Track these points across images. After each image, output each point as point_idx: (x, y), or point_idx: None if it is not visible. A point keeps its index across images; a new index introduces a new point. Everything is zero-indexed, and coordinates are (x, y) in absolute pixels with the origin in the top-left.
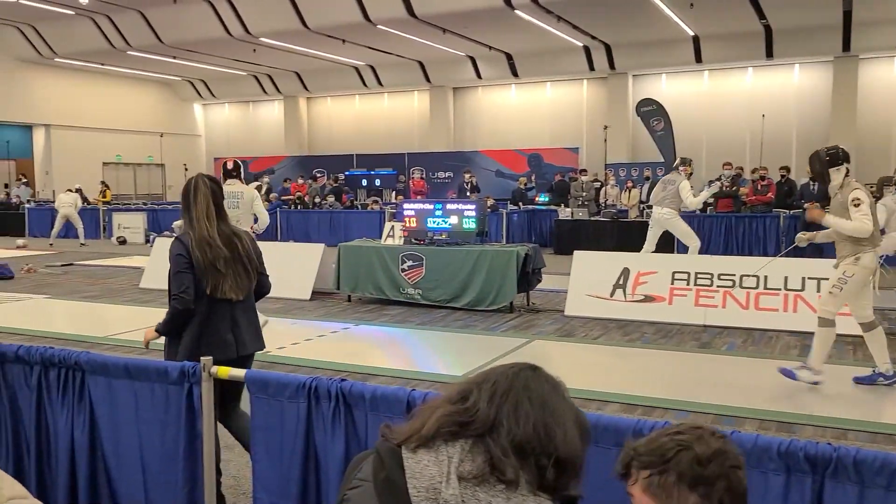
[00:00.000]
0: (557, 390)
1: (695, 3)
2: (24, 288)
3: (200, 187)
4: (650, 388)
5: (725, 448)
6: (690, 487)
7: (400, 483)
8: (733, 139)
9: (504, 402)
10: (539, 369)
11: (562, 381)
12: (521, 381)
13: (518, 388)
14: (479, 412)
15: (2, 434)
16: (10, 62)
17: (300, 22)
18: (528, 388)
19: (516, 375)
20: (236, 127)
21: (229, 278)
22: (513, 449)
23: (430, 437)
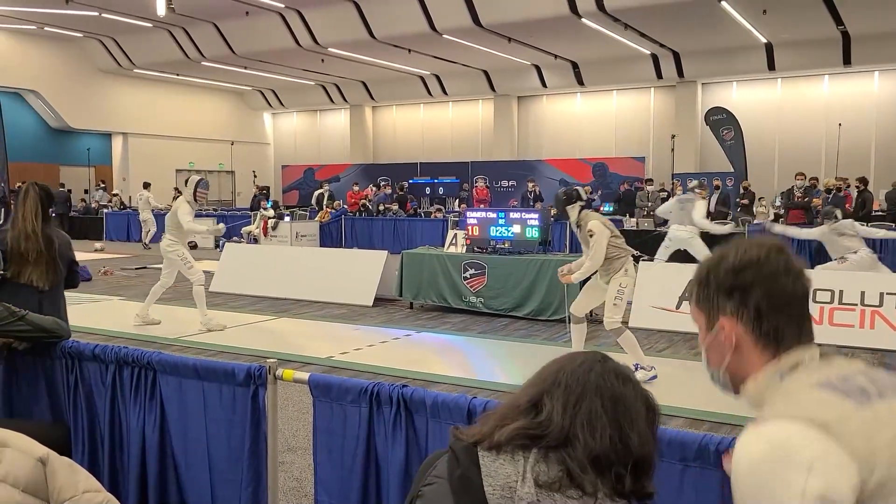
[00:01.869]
0: (627, 382)
1: (768, 10)
2: (101, 290)
3: (30, 193)
4: (717, 404)
5: (764, 256)
6: (727, 295)
7: (476, 481)
8: (807, 149)
9: (577, 411)
10: (607, 360)
11: (628, 368)
12: (592, 383)
13: (590, 392)
14: (553, 425)
15: (79, 429)
16: (92, 73)
17: (367, 32)
18: (600, 389)
19: (587, 375)
20: (303, 135)
21: (38, 269)
22: (590, 463)
23: (501, 445)
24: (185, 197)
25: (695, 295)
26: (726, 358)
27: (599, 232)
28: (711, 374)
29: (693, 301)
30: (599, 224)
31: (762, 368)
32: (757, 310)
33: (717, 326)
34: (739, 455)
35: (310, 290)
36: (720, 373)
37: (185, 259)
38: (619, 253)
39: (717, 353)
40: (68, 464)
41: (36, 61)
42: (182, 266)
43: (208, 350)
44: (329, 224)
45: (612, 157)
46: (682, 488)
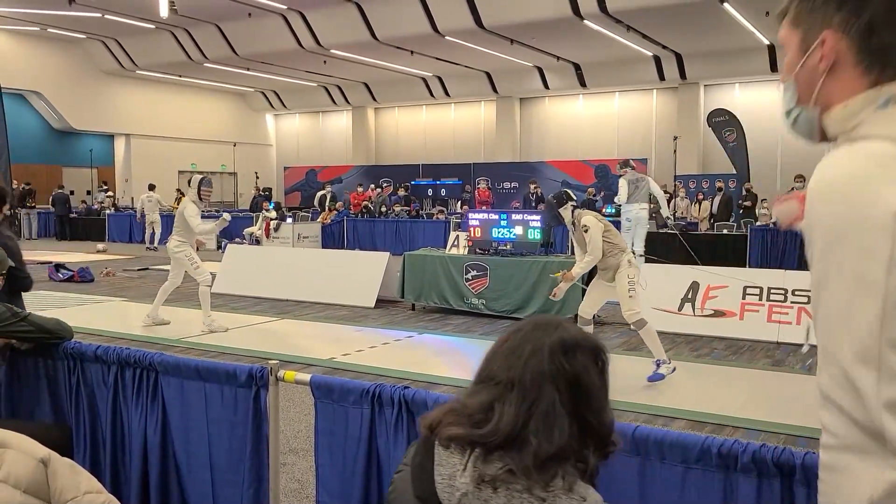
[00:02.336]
0: (576, 351)
1: (770, 11)
2: (103, 291)
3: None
4: (720, 406)
5: None
6: (838, 5)
7: (429, 469)
8: (810, 151)
9: (533, 413)
10: (551, 331)
11: (570, 332)
12: (547, 374)
13: (547, 386)
14: (499, 434)
15: (80, 430)
16: (95, 74)
17: (370, 34)
18: (555, 377)
19: (540, 366)
20: (306, 137)
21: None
22: (542, 463)
23: (450, 440)
24: (191, 196)
25: (794, 10)
26: (818, 84)
27: (594, 226)
28: (796, 116)
29: (789, 18)
30: (593, 219)
31: (858, 94)
32: (869, 23)
33: (815, 44)
34: (824, 170)
35: (312, 292)
36: (809, 107)
37: (192, 259)
38: (613, 250)
39: (808, 81)
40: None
41: (39, 62)
42: (189, 266)
43: (210, 351)
44: (331, 225)
45: (615, 159)
46: (683, 490)
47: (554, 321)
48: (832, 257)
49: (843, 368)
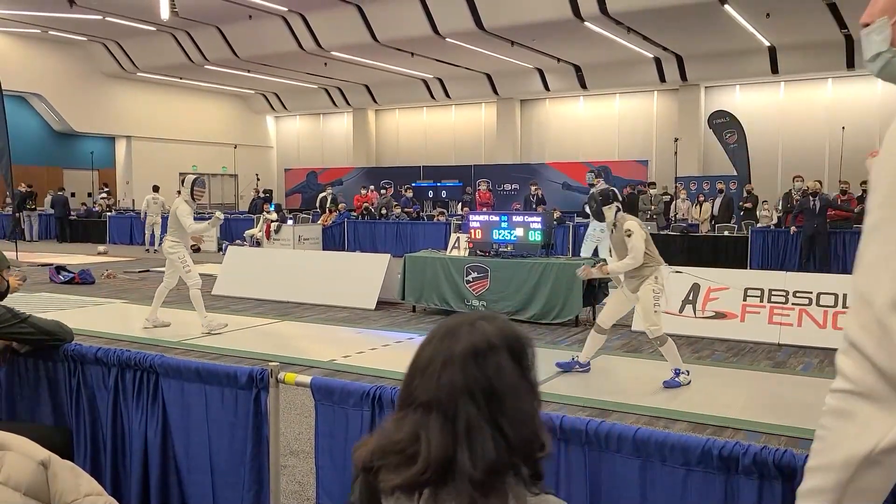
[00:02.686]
0: (487, 354)
1: (771, 13)
2: (104, 293)
3: None
4: (721, 408)
5: None
6: None
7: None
8: (811, 153)
9: (457, 432)
10: (457, 337)
11: (478, 333)
12: (460, 386)
13: (463, 401)
14: (431, 468)
15: (81, 433)
16: (96, 76)
17: (370, 36)
18: (470, 388)
19: (453, 379)
20: (306, 138)
21: None
22: (479, 488)
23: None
24: (183, 196)
25: None
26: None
27: (637, 232)
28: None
29: None
30: (636, 225)
31: None
32: None
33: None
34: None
35: (312, 294)
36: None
37: (184, 262)
38: (650, 261)
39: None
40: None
41: (40, 65)
42: (180, 269)
43: (210, 353)
44: (332, 227)
45: (615, 161)
46: (685, 493)
47: (466, 322)
48: (892, 203)
49: (876, 314)
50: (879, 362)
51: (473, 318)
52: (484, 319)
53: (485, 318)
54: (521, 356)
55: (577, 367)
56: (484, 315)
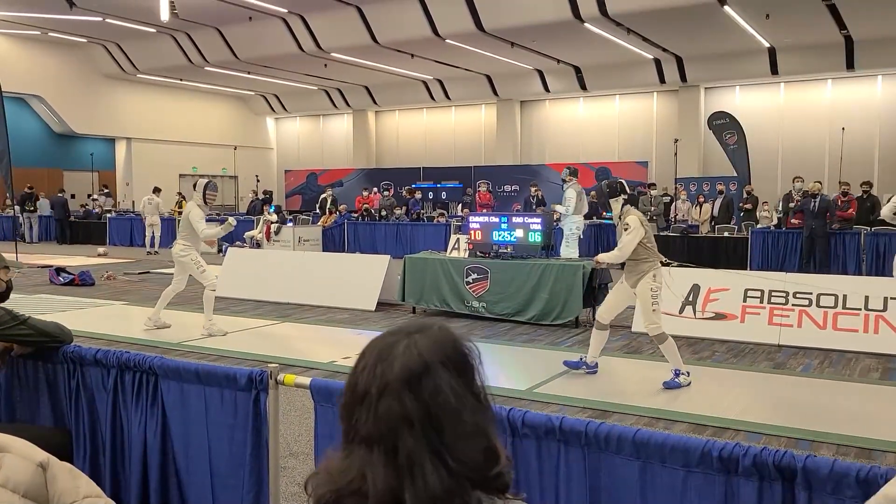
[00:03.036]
0: (423, 377)
1: (771, 14)
2: (104, 294)
3: None
4: (721, 409)
5: None
6: None
7: None
8: (811, 154)
9: (401, 466)
10: (391, 363)
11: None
12: (397, 416)
13: (403, 431)
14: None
15: (80, 434)
16: (96, 78)
17: (370, 37)
18: (409, 418)
19: (390, 409)
20: (306, 140)
21: None
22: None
23: None
24: (196, 200)
25: None
26: None
27: (635, 227)
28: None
29: None
30: (637, 220)
31: None
32: None
33: None
34: None
35: (312, 295)
36: None
37: (198, 263)
38: (648, 256)
39: None
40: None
41: (40, 66)
42: (195, 270)
43: (210, 355)
44: (332, 229)
45: (615, 162)
46: (685, 494)
47: (398, 341)
48: None
49: None
50: None
51: (406, 333)
52: (418, 332)
53: (419, 330)
54: (462, 368)
55: (585, 369)
56: (417, 326)
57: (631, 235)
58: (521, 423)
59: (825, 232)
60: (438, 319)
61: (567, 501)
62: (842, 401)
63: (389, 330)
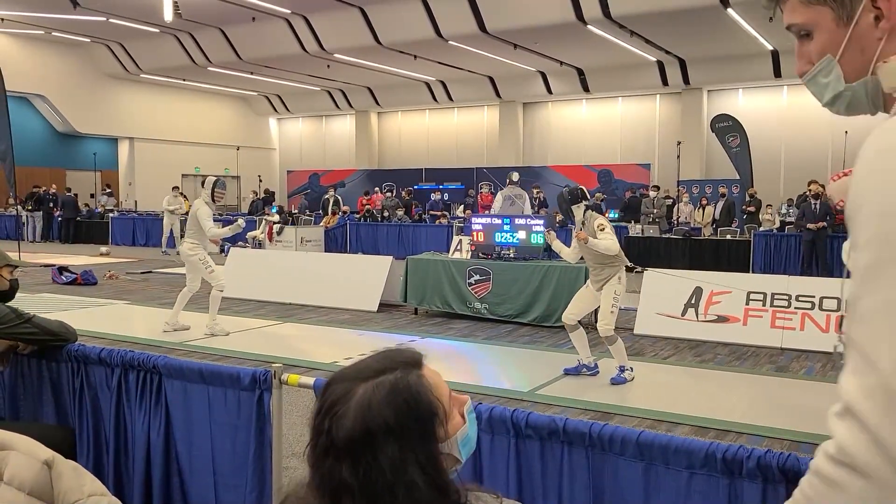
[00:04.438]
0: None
1: (774, 17)
2: (107, 294)
3: None
4: (723, 412)
5: None
6: None
7: None
8: (813, 157)
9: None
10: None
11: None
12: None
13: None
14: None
15: (84, 433)
16: (99, 78)
17: (373, 38)
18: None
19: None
20: (309, 141)
21: None
22: None
23: None
24: (204, 198)
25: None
26: (877, 50)
27: (609, 227)
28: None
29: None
30: (607, 221)
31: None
32: None
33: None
34: (883, 137)
35: (314, 296)
36: (868, 78)
37: (206, 263)
38: (615, 261)
39: (860, 51)
40: (73, 467)
41: (43, 66)
42: (203, 270)
43: (213, 354)
44: (334, 229)
45: (618, 164)
46: (688, 496)
47: (351, 391)
48: (884, 241)
49: (882, 378)
50: (884, 437)
51: (364, 378)
52: (376, 378)
53: (378, 373)
54: (412, 432)
55: (586, 371)
56: (378, 368)
57: (610, 234)
58: (525, 424)
59: (827, 235)
60: (409, 354)
61: (570, 503)
62: None
63: (354, 366)
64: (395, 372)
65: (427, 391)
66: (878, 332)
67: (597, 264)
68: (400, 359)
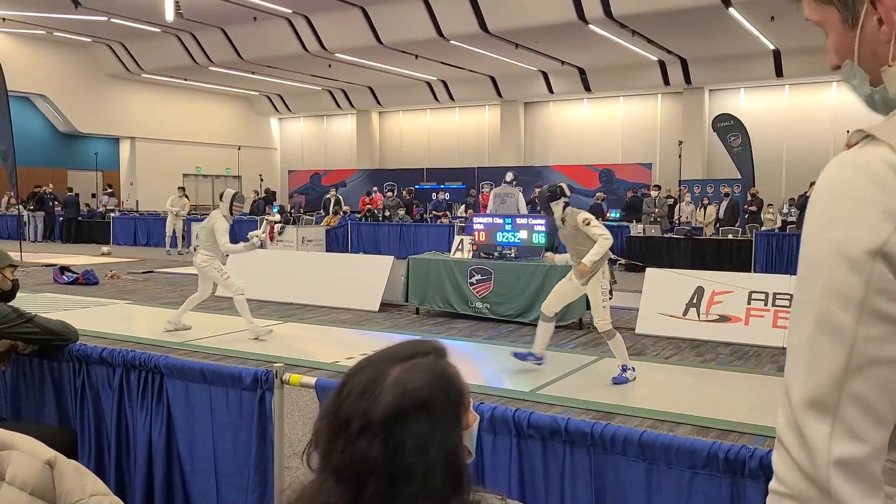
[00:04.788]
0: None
1: (776, 17)
2: (108, 293)
3: None
4: (725, 411)
5: None
6: None
7: None
8: (815, 156)
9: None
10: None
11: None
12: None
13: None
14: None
15: (86, 432)
16: (101, 77)
17: (374, 38)
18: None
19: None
20: (310, 140)
21: None
22: None
23: None
24: (222, 211)
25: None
26: (887, 53)
27: (594, 219)
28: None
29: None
30: (589, 213)
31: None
32: None
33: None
34: (826, 172)
35: (316, 295)
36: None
37: (221, 271)
38: None
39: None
40: (75, 467)
41: (45, 66)
42: (220, 279)
43: (215, 354)
44: (335, 229)
45: (619, 164)
46: (691, 496)
47: (385, 373)
48: (804, 282)
49: (793, 412)
50: (803, 466)
51: (397, 361)
52: (409, 361)
53: (411, 357)
54: (444, 414)
55: (532, 360)
56: (410, 352)
57: (599, 226)
58: (527, 423)
59: None
60: (435, 343)
61: (572, 503)
62: None
63: (381, 354)
64: (428, 356)
65: (458, 377)
66: (794, 369)
67: (579, 260)
68: (428, 346)
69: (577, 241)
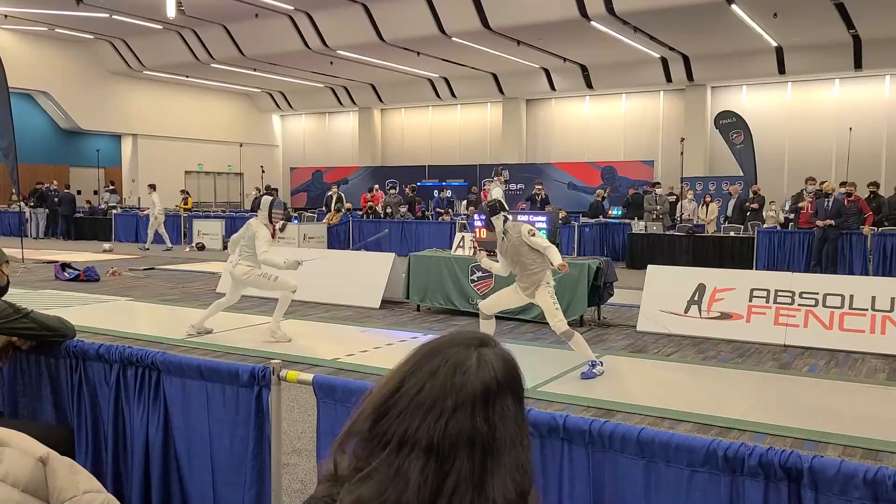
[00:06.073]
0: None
1: (778, 13)
2: (109, 290)
3: None
4: (726, 409)
5: None
6: None
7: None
8: (818, 153)
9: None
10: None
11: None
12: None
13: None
14: None
15: (82, 430)
16: (102, 74)
17: (376, 35)
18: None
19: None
20: (312, 137)
21: None
22: None
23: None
24: (262, 220)
25: None
26: None
27: (536, 230)
28: None
29: None
30: (532, 226)
31: None
32: None
33: None
34: None
35: (316, 292)
36: None
37: (266, 276)
38: (537, 266)
39: None
40: (69, 464)
41: (47, 63)
42: (269, 284)
43: (213, 351)
44: (337, 226)
45: (621, 161)
46: (689, 494)
47: (467, 353)
48: None
49: None
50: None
51: (473, 345)
52: (485, 347)
53: (483, 343)
54: (522, 395)
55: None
56: (479, 339)
57: (541, 236)
58: None
59: (837, 233)
60: (484, 335)
61: (570, 500)
62: (848, 401)
63: (448, 337)
64: (497, 344)
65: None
66: None
67: (523, 273)
68: (487, 336)
69: (521, 254)
